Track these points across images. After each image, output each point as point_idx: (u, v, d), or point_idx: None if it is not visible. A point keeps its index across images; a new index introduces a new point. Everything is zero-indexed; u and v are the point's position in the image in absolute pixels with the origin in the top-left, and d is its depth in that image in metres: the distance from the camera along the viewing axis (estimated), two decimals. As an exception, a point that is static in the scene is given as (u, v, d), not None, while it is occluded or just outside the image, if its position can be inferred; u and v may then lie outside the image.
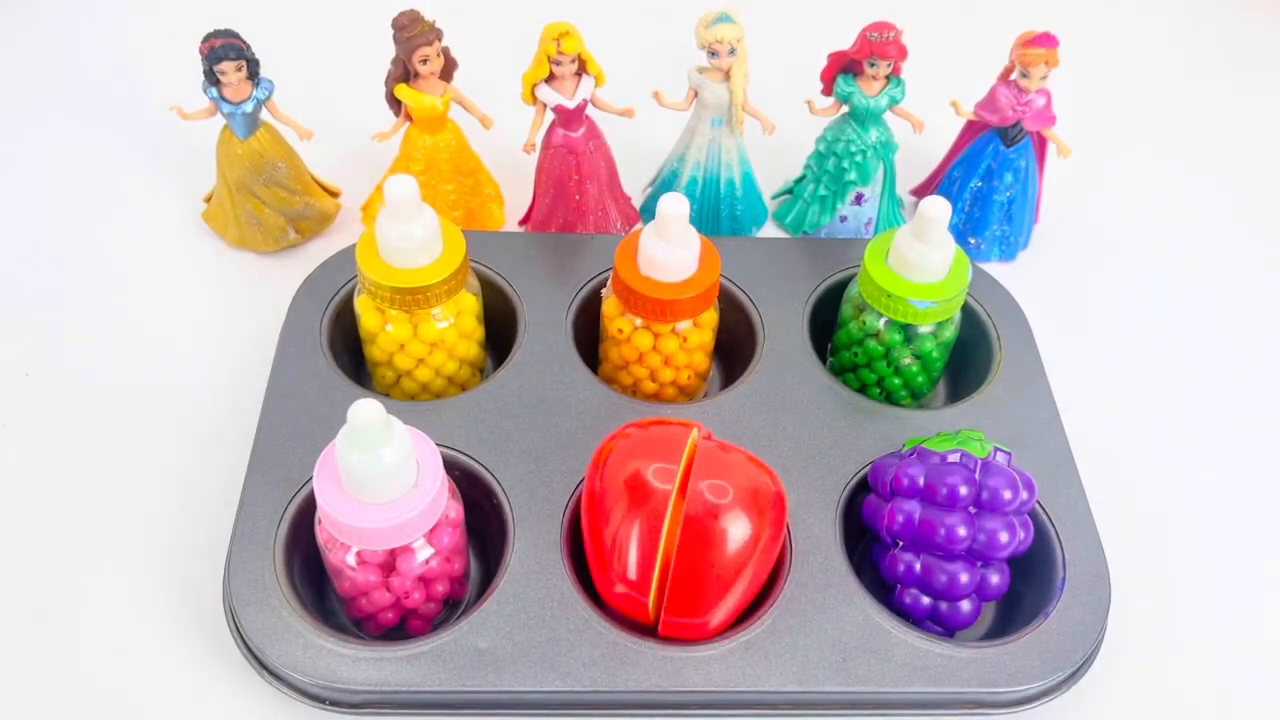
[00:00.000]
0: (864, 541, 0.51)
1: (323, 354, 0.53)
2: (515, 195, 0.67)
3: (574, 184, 0.61)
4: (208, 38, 0.56)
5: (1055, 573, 0.48)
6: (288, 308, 0.55)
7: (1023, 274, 0.66)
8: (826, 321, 0.58)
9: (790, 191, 0.68)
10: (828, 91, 0.61)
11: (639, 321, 0.52)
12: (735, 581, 0.43)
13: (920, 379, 0.55)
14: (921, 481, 0.46)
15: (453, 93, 0.59)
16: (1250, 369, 0.63)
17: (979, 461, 0.46)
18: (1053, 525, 0.49)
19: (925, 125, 0.62)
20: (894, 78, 0.60)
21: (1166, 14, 0.91)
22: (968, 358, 0.58)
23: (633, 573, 0.42)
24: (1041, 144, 0.64)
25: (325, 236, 0.66)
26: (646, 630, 0.45)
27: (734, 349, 0.58)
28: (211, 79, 0.57)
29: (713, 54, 0.58)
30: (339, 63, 0.77)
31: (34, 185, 0.68)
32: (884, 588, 0.48)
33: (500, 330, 0.57)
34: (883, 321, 0.53)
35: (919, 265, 0.51)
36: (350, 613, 0.47)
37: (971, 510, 0.45)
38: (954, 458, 0.46)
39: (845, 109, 0.62)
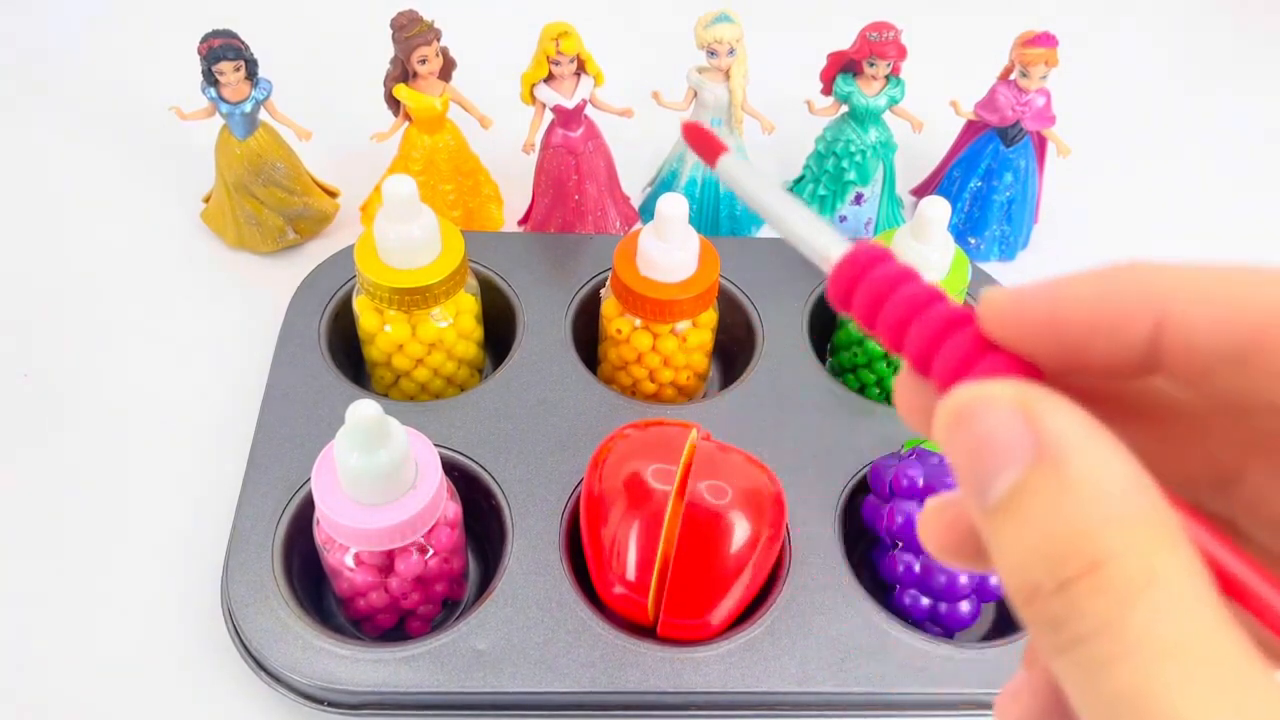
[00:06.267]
0: (863, 542, 0.51)
1: (321, 354, 0.53)
2: (514, 195, 0.67)
3: (573, 184, 0.61)
4: (206, 38, 0.55)
5: (1055, 573, 0.47)
6: (286, 308, 0.55)
7: (1022, 274, 0.66)
8: (826, 322, 0.58)
9: (790, 191, 0.68)
10: (827, 91, 0.61)
11: (638, 322, 0.52)
12: (734, 582, 0.43)
13: (920, 379, 0.55)
14: (921, 482, 0.46)
15: (451, 93, 0.59)
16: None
17: (978, 462, 0.45)
18: (1052, 526, 0.49)
19: (925, 125, 0.62)
20: (893, 78, 0.60)
21: (1166, 14, 0.91)
22: (967, 358, 0.58)
23: (631, 574, 0.42)
24: (1041, 144, 0.64)
25: (324, 237, 0.66)
26: (645, 631, 0.45)
27: (733, 349, 0.58)
28: (210, 79, 0.57)
29: (712, 54, 0.58)
30: (338, 63, 0.77)
31: (33, 185, 0.68)
32: (883, 588, 0.48)
33: (499, 331, 0.57)
34: (882, 322, 0.53)
35: (918, 265, 0.50)
36: (349, 613, 0.47)
37: (971, 511, 0.45)
38: (953, 458, 0.46)
39: (845, 109, 0.62)
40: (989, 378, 0.16)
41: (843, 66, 0.60)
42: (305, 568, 0.47)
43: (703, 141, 0.25)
